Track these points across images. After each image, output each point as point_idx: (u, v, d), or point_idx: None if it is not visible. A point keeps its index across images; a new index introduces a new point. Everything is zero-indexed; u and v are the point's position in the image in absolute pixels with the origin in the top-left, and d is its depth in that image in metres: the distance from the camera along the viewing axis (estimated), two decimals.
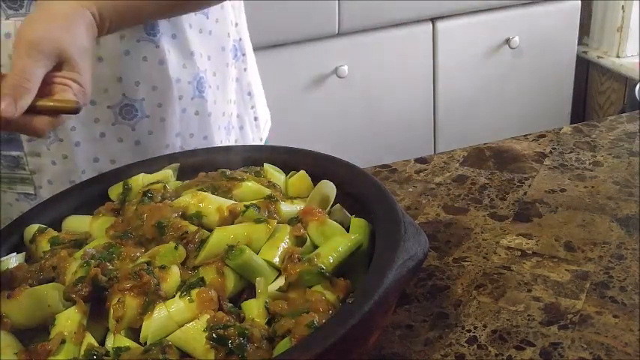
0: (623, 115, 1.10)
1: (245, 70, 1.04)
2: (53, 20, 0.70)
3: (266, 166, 0.75)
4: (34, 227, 0.70)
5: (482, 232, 0.84)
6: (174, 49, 0.89)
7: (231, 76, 1.01)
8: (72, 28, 0.71)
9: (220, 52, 0.97)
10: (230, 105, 1.01)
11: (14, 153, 0.89)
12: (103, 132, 0.89)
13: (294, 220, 0.65)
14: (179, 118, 0.92)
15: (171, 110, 0.91)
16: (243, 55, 1.03)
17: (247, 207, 0.65)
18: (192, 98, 0.92)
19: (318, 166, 0.73)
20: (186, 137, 0.94)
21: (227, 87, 0.99)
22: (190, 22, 0.90)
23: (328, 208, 0.69)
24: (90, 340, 0.57)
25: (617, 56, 2.39)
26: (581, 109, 2.60)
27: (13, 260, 0.67)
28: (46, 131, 0.67)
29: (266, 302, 0.58)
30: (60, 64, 0.69)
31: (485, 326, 0.69)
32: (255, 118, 1.08)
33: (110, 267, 0.61)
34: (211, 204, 0.66)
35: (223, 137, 0.99)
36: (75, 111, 0.67)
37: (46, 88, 0.67)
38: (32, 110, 0.65)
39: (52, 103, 0.67)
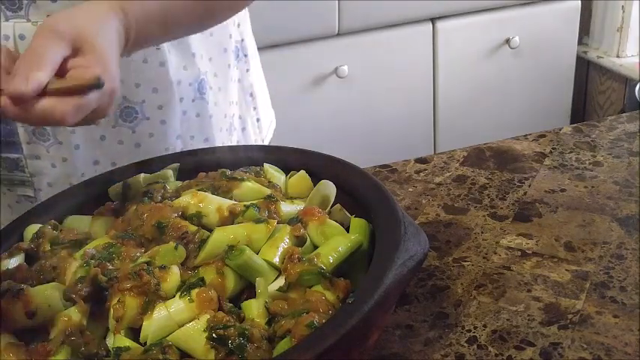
0: (623, 115, 1.10)
1: (247, 71, 1.04)
2: (79, 10, 0.67)
3: (266, 166, 0.74)
4: (34, 227, 0.70)
5: (482, 232, 0.84)
6: (174, 51, 0.89)
7: (233, 77, 1.00)
8: (99, 19, 0.67)
9: (222, 54, 0.97)
10: (232, 106, 1.01)
11: (13, 155, 0.89)
12: (103, 135, 0.89)
13: (294, 220, 0.65)
14: (180, 120, 0.92)
15: (171, 112, 0.91)
16: (246, 56, 1.03)
17: (247, 207, 0.65)
18: (193, 100, 0.92)
19: (319, 166, 0.73)
20: (186, 139, 0.94)
21: (229, 88, 0.99)
22: None
23: (328, 208, 0.69)
24: None
25: (617, 56, 2.39)
26: (581, 109, 2.60)
27: (13, 260, 0.67)
28: (71, 116, 0.61)
29: (266, 302, 0.58)
30: (79, 50, 0.64)
31: (485, 326, 0.69)
32: (258, 120, 1.08)
33: (110, 267, 0.61)
34: (211, 204, 0.66)
35: (225, 139, 0.99)
36: (97, 86, 0.61)
37: (66, 73, 0.63)
38: (52, 93, 0.60)
39: (71, 84, 0.61)
